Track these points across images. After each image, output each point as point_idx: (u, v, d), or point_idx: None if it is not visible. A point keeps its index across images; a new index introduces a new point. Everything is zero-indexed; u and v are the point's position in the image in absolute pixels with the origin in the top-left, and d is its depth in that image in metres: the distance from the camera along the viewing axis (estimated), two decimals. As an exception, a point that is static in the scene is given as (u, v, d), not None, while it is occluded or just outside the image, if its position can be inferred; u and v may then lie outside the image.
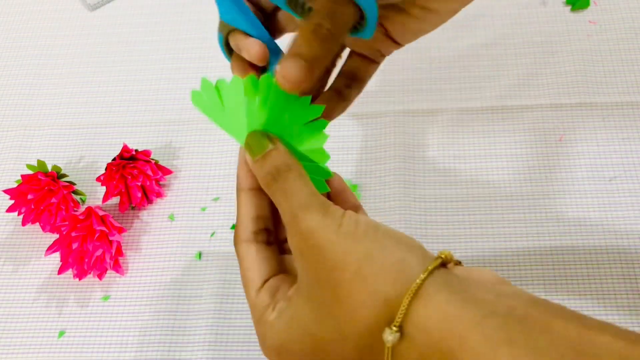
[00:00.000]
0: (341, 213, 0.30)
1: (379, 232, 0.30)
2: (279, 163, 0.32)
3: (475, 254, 0.53)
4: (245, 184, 0.35)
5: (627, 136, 0.58)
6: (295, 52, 0.31)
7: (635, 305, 0.50)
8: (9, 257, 0.58)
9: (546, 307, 0.27)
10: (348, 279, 0.28)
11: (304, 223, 0.30)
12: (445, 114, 0.61)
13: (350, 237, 0.29)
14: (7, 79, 0.69)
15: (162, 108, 0.65)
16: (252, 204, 0.35)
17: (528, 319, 0.26)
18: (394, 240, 0.29)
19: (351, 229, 0.29)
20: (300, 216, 0.30)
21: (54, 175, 0.57)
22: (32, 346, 0.53)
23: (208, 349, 0.51)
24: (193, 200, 0.59)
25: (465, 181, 0.57)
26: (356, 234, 0.29)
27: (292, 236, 0.31)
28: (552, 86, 0.61)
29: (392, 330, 0.27)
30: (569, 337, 0.25)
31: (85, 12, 0.73)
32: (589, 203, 0.55)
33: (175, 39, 0.69)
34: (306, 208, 0.30)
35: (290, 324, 0.31)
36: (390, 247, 0.29)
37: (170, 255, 0.56)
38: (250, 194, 0.35)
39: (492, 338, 0.25)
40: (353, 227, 0.29)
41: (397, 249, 0.29)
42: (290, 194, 0.31)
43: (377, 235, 0.29)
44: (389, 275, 0.28)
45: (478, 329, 0.25)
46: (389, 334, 0.27)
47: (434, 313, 0.27)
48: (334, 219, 0.30)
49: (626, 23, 0.64)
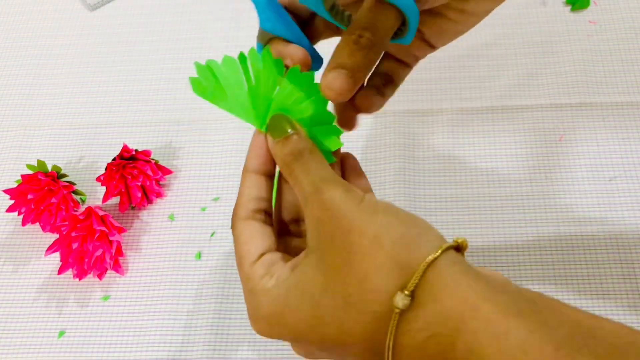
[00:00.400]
0: (362, 193, 0.31)
1: (399, 211, 0.30)
2: (302, 147, 0.33)
3: (475, 254, 0.53)
4: (253, 166, 0.35)
5: (627, 136, 0.58)
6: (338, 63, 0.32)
7: (635, 305, 0.50)
8: (9, 257, 0.58)
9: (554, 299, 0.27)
10: (365, 244, 0.29)
11: (327, 194, 0.30)
12: (445, 114, 0.61)
13: (371, 211, 0.30)
14: (7, 79, 0.69)
15: (162, 108, 0.65)
16: (255, 185, 0.35)
17: (538, 301, 0.26)
18: (411, 219, 0.30)
19: (372, 205, 0.30)
20: (324, 188, 0.31)
21: (54, 175, 0.57)
22: (32, 346, 0.53)
23: (208, 349, 0.51)
24: (193, 200, 0.59)
25: (465, 181, 0.57)
26: (377, 209, 0.30)
27: (311, 206, 0.31)
28: (552, 86, 0.61)
29: (405, 295, 0.27)
30: (578, 320, 0.25)
31: (85, 12, 0.73)
32: (589, 203, 0.55)
33: (175, 39, 0.69)
34: (329, 182, 0.31)
35: (291, 290, 0.31)
36: (409, 222, 0.30)
37: (170, 255, 0.56)
38: (256, 176, 0.35)
39: (504, 309, 0.26)
40: (374, 204, 0.30)
41: (415, 226, 0.30)
42: (314, 170, 0.32)
43: (397, 212, 0.30)
44: (407, 245, 0.28)
45: (491, 299, 0.26)
46: (400, 298, 0.27)
47: (447, 283, 0.27)
48: (355, 195, 0.30)
49: (626, 23, 0.64)
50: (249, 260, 0.33)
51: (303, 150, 0.33)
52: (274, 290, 0.31)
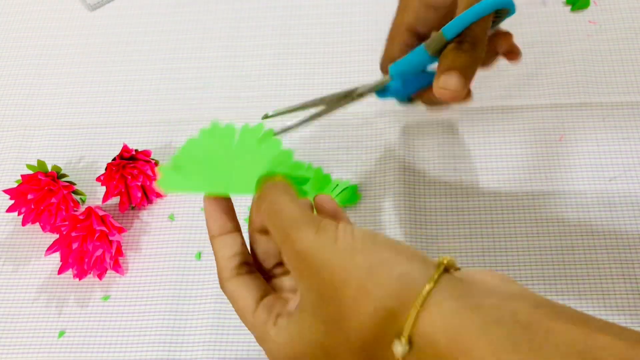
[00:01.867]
0: (334, 227, 0.30)
1: (376, 243, 0.29)
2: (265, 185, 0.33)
3: (475, 254, 0.53)
4: (215, 230, 0.36)
5: (627, 136, 0.58)
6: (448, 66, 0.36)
7: (635, 305, 0.50)
8: (9, 257, 0.58)
9: (550, 309, 0.27)
10: (352, 295, 0.28)
11: (298, 243, 0.30)
12: (445, 114, 0.61)
13: (348, 252, 0.29)
14: (7, 79, 0.69)
15: (162, 108, 0.65)
16: (226, 245, 0.35)
17: (532, 325, 0.26)
18: (393, 250, 0.29)
19: (348, 242, 0.29)
20: (293, 236, 0.30)
21: (54, 175, 0.57)
22: (32, 346, 0.53)
23: (208, 349, 0.51)
24: (193, 200, 0.59)
25: (465, 181, 0.57)
26: (354, 247, 0.29)
27: (288, 258, 0.31)
28: (552, 86, 0.61)
29: (402, 343, 0.27)
30: (572, 340, 0.25)
31: (85, 12, 0.73)
32: (589, 203, 0.55)
33: (175, 39, 0.69)
34: (297, 227, 0.30)
35: (296, 339, 0.31)
36: (390, 259, 0.29)
37: (170, 255, 0.56)
38: (223, 238, 0.35)
39: (497, 346, 0.25)
40: (350, 240, 0.29)
41: (397, 261, 0.29)
42: (279, 213, 0.31)
43: (375, 247, 0.29)
44: (393, 289, 0.28)
45: (483, 338, 0.26)
46: (398, 346, 0.27)
47: (440, 324, 0.27)
48: (328, 235, 0.29)
49: (626, 23, 0.64)
50: (250, 311, 0.34)
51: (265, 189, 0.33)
52: (279, 340, 0.32)
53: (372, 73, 0.53)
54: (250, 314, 0.33)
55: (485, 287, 0.28)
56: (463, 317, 0.26)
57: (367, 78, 0.51)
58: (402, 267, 0.28)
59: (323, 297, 0.29)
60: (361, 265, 0.28)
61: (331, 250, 0.29)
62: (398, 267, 0.28)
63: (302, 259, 0.30)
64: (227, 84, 0.65)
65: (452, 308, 0.27)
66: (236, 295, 0.34)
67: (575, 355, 0.25)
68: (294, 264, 0.30)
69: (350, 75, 0.65)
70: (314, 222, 0.30)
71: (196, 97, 0.65)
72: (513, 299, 0.27)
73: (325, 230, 0.30)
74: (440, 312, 0.27)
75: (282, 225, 0.31)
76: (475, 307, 0.27)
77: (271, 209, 0.32)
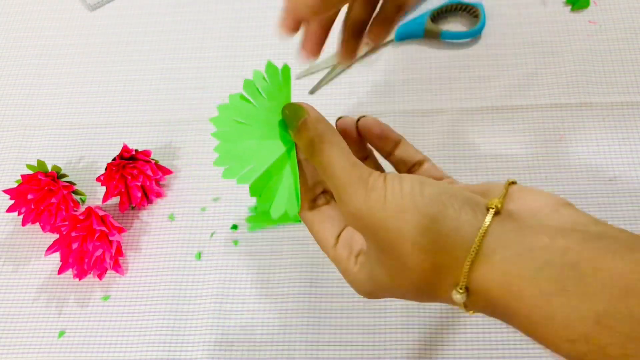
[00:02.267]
0: (382, 183, 0.31)
1: (424, 197, 0.30)
2: (312, 135, 0.34)
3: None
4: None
5: (627, 136, 0.58)
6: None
7: (635, 305, 0.50)
8: (9, 257, 0.58)
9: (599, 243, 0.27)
10: (408, 251, 0.30)
11: (350, 205, 0.31)
12: (445, 114, 0.61)
13: (398, 212, 0.30)
14: (7, 79, 0.69)
15: (162, 108, 0.65)
16: (307, 172, 0.36)
17: (580, 263, 0.26)
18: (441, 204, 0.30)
19: (397, 202, 0.30)
20: (345, 199, 0.31)
21: (54, 175, 0.57)
22: (32, 346, 0.53)
23: (208, 349, 0.51)
24: (193, 200, 0.59)
25: (465, 181, 0.57)
26: (403, 206, 0.30)
27: (346, 217, 0.32)
28: (552, 86, 0.61)
29: (460, 292, 0.29)
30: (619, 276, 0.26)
31: (85, 12, 0.73)
32: (589, 203, 0.55)
33: (175, 39, 0.69)
34: (346, 188, 0.31)
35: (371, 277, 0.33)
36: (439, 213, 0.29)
37: (170, 255, 0.56)
38: (304, 163, 0.36)
39: (545, 290, 0.26)
40: (399, 198, 0.30)
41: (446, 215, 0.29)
42: (329, 169, 0.32)
43: (424, 202, 0.30)
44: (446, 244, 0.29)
45: (533, 282, 0.27)
46: (457, 294, 0.29)
47: (491, 274, 0.28)
48: (377, 194, 0.31)
49: (626, 23, 0.64)
50: (330, 245, 0.35)
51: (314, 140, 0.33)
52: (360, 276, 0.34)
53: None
54: (331, 248, 0.35)
55: (536, 219, 0.29)
56: (514, 264, 0.28)
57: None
58: (451, 222, 0.29)
59: (383, 250, 0.31)
60: (412, 224, 0.29)
61: (382, 210, 0.30)
62: (447, 222, 0.29)
63: (357, 219, 0.31)
64: (227, 84, 0.65)
65: (503, 256, 0.28)
66: (314, 227, 0.36)
67: (621, 291, 0.25)
68: (351, 223, 0.32)
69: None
70: (361, 180, 0.31)
71: (196, 97, 0.65)
72: (563, 235, 0.28)
73: (374, 190, 0.31)
74: (491, 262, 0.28)
75: (334, 185, 0.32)
76: (526, 252, 0.28)
77: (322, 163, 0.33)
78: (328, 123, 0.34)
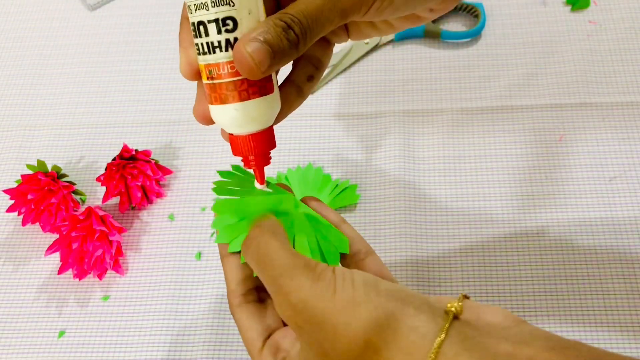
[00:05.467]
0: (331, 273, 0.28)
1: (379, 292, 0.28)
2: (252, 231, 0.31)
3: (475, 254, 0.53)
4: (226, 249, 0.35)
5: (627, 136, 0.58)
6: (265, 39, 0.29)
7: (635, 305, 0.50)
8: (9, 257, 0.58)
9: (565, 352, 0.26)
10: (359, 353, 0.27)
11: (293, 295, 0.28)
12: (445, 114, 0.61)
13: (350, 305, 0.27)
14: (7, 79, 0.69)
15: (162, 108, 0.65)
16: (236, 267, 0.34)
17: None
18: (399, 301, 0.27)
19: (348, 293, 0.27)
20: (286, 286, 0.28)
21: (54, 175, 0.57)
22: (32, 346, 0.53)
23: (208, 349, 0.51)
24: (193, 200, 0.59)
25: (465, 181, 0.57)
26: (355, 299, 0.27)
27: (283, 309, 0.29)
28: (552, 86, 0.61)
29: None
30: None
31: (85, 12, 0.73)
32: (589, 203, 0.55)
33: (175, 39, 0.69)
34: (289, 275, 0.28)
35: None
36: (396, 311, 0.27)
37: (170, 255, 0.56)
38: (232, 258, 0.34)
39: None
40: (350, 291, 0.27)
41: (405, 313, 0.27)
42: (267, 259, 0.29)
43: (378, 298, 0.27)
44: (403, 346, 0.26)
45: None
46: None
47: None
48: (325, 285, 0.28)
49: (626, 23, 0.64)
50: (256, 349, 0.33)
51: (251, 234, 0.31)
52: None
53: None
54: (257, 353, 0.32)
55: (496, 331, 0.27)
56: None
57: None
58: (410, 320, 0.27)
59: (328, 353, 0.27)
60: (366, 319, 0.27)
61: (331, 302, 0.27)
62: (407, 321, 0.27)
63: (299, 312, 0.28)
64: (227, 84, 0.65)
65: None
66: (242, 324, 0.33)
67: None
68: (291, 318, 0.28)
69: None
70: (308, 269, 0.28)
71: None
72: (527, 344, 0.26)
73: (322, 279, 0.28)
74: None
75: (272, 274, 0.29)
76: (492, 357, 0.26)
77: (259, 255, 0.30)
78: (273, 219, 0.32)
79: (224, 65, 0.31)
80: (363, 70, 0.65)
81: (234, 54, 0.29)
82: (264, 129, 0.33)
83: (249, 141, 0.33)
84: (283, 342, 0.32)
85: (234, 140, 0.33)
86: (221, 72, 0.31)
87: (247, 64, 0.29)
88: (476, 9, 0.65)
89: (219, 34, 0.30)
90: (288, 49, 0.29)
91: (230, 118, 0.32)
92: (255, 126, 0.32)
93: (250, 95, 0.31)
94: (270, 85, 0.32)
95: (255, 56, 0.29)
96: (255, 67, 0.29)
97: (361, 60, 0.65)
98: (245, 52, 0.29)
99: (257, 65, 0.29)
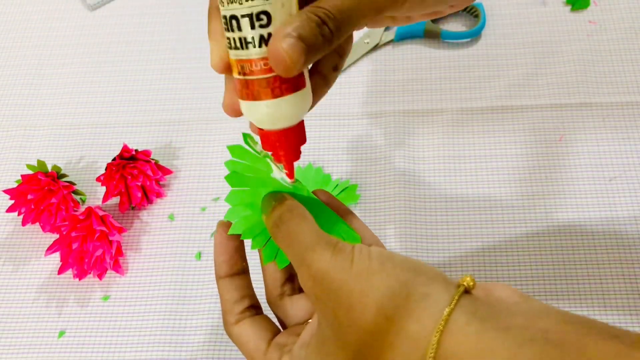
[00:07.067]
0: (350, 248, 0.29)
1: (395, 263, 0.28)
2: (282, 211, 0.32)
3: (475, 254, 0.53)
4: (222, 271, 0.35)
5: (627, 136, 0.58)
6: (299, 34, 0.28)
7: (635, 305, 0.50)
8: (9, 257, 0.58)
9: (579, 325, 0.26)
10: (372, 320, 0.27)
11: (314, 265, 0.29)
12: (445, 114, 0.61)
13: (364, 275, 0.28)
14: (7, 79, 0.69)
15: (162, 108, 0.65)
16: (232, 288, 0.35)
17: (564, 343, 0.25)
18: (412, 271, 0.28)
19: (364, 265, 0.28)
20: (309, 258, 0.29)
21: (54, 175, 0.57)
22: (32, 346, 0.53)
23: (208, 349, 0.51)
24: (193, 200, 0.59)
25: (465, 181, 0.57)
26: (370, 269, 0.28)
27: (304, 281, 0.30)
28: (552, 86, 0.61)
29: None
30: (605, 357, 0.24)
31: (85, 12, 0.73)
32: (589, 203, 0.55)
33: (175, 39, 0.69)
34: (313, 249, 0.29)
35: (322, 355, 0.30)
36: (410, 280, 0.28)
37: (170, 255, 0.56)
38: (228, 280, 0.35)
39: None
40: (366, 262, 0.28)
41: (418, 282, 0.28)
42: (295, 237, 0.30)
43: (394, 268, 0.28)
44: (415, 312, 0.27)
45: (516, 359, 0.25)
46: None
47: (466, 346, 0.26)
48: (344, 257, 0.29)
49: (626, 23, 0.64)
50: (261, 352, 0.33)
51: (283, 215, 0.32)
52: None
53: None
54: (262, 355, 0.33)
55: (507, 306, 0.27)
56: (491, 339, 0.25)
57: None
58: (422, 288, 0.27)
59: (342, 323, 0.28)
60: (379, 288, 0.27)
61: (348, 272, 0.28)
62: (419, 289, 0.27)
63: (318, 281, 0.29)
64: (227, 84, 0.65)
65: (477, 330, 0.26)
66: (244, 339, 0.34)
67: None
68: (311, 289, 0.29)
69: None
70: (329, 244, 0.29)
71: (196, 97, 0.65)
72: (540, 317, 0.26)
73: (341, 252, 0.29)
74: (465, 335, 0.26)
75: (298, 249, 0.30)
76: (505, 329, 0.26)
77: (289, 234, 0.31)
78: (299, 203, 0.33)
79: (257, 62, 0.30)
80: (363, 70, 0.65)
81: (269, 52, 0.28)
82: (295, 124, 0.32)
83: (280, 137, 0.32)
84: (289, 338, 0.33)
85: (265, 135, 0.32)
86: (254, 68, 0.30)
87: (283, 62, 0.28)
88: (476, 9, 0.65)
89: (252, 29, 0.29)
90: (321, 45, 0.29)
91: (262, 115, 0.31)
92: (287, 122, 0.31)
93: (283, 92, 0.30)
94: (302, 80, 0.31)
95: (291, 54, 0.28)
96: (291, 65, 0.28)
97: (361, 60, 0.65)
98: (282, 50, 0.28)
99: (294, 63, 0.28)
